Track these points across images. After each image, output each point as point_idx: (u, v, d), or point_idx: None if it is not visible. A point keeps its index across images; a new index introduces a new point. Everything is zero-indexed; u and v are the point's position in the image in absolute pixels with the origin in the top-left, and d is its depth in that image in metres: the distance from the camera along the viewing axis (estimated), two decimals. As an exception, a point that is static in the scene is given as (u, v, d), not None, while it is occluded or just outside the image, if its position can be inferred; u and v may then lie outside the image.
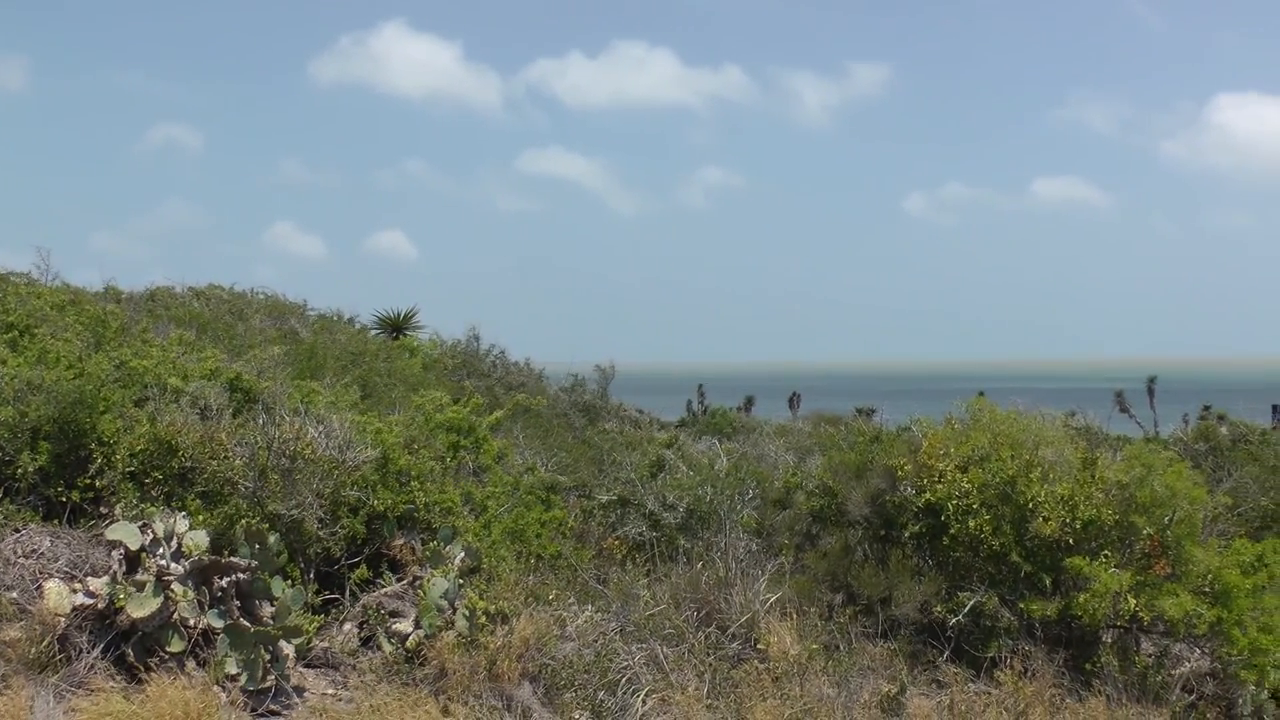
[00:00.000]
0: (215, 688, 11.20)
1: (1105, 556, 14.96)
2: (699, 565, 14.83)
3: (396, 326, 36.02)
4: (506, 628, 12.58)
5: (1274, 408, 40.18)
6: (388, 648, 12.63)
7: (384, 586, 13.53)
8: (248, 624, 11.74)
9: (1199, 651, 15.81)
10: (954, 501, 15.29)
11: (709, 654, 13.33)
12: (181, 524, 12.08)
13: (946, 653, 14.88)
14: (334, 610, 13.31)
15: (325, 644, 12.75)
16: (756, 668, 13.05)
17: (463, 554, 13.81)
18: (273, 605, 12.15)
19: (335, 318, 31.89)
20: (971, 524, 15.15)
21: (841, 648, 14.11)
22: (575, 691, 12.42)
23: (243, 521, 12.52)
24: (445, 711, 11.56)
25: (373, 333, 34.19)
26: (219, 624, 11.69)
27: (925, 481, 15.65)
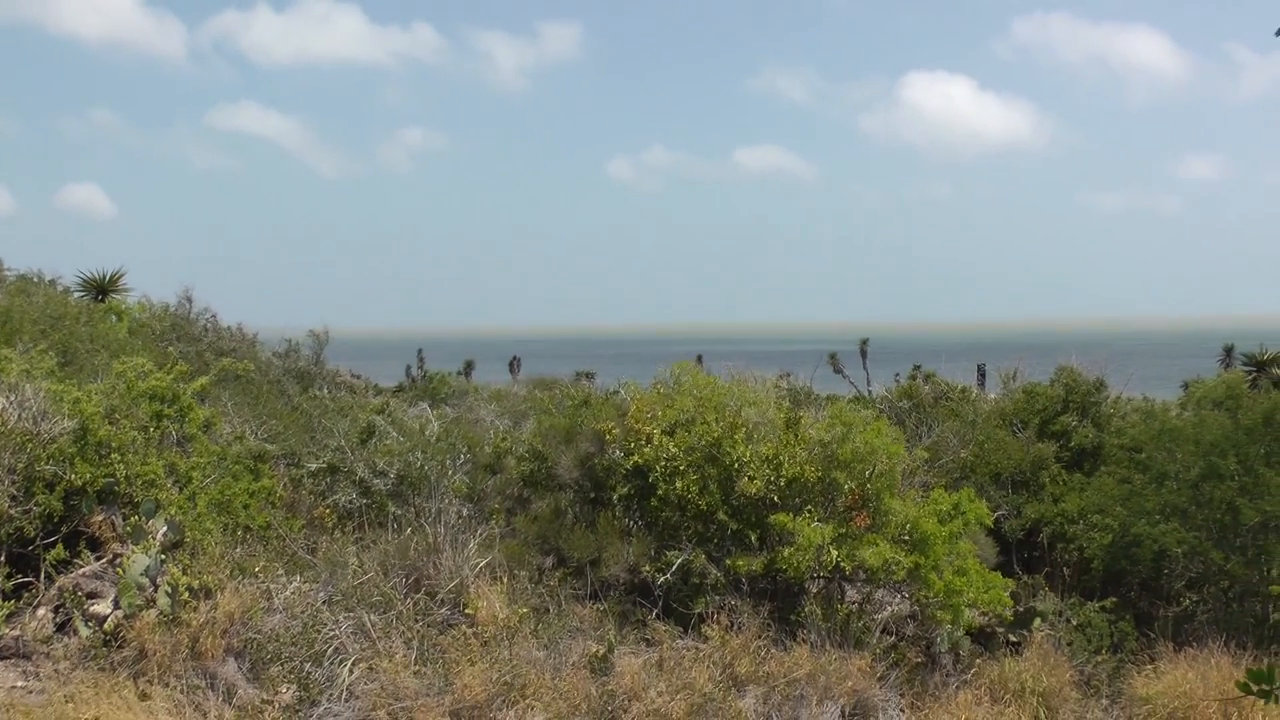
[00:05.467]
0: (-115, 688, 10.63)
1: (809, 512, 15.46)
2: (408, 532, 14.76)
3: (101, 289, 34.43)
4: (210, 603, 12.29)
5: (979, 367, 41.70)
6: (84, 631, 12.16)
7: (82, 566, 13.04)
8: (-74, 615, 11.17)
9: (900, 596, 16.49)
10: (661, 463, 15.58)
11: (417, 620, 13.28)
12: None
13: (655, 611, 15.16)
14: (26, 594, 12.71)
15: (16, 632, 12.18)
16: (465, 632, 13.04)
17: (166, 528, 13.39)
18: (-44, 593, 11.61)
19: (35, 279, 30.38)
20: (679, 485, 15.46)
21: (551, 610, 14.24)
22: (281, 665, 12.23)
23: (-77, 503, 11.90)
24: (144, 695, 11.19)
25: (76, 295, 32.67)
26: (-108, 617, 11.08)
27: (633, 444, 15.91)
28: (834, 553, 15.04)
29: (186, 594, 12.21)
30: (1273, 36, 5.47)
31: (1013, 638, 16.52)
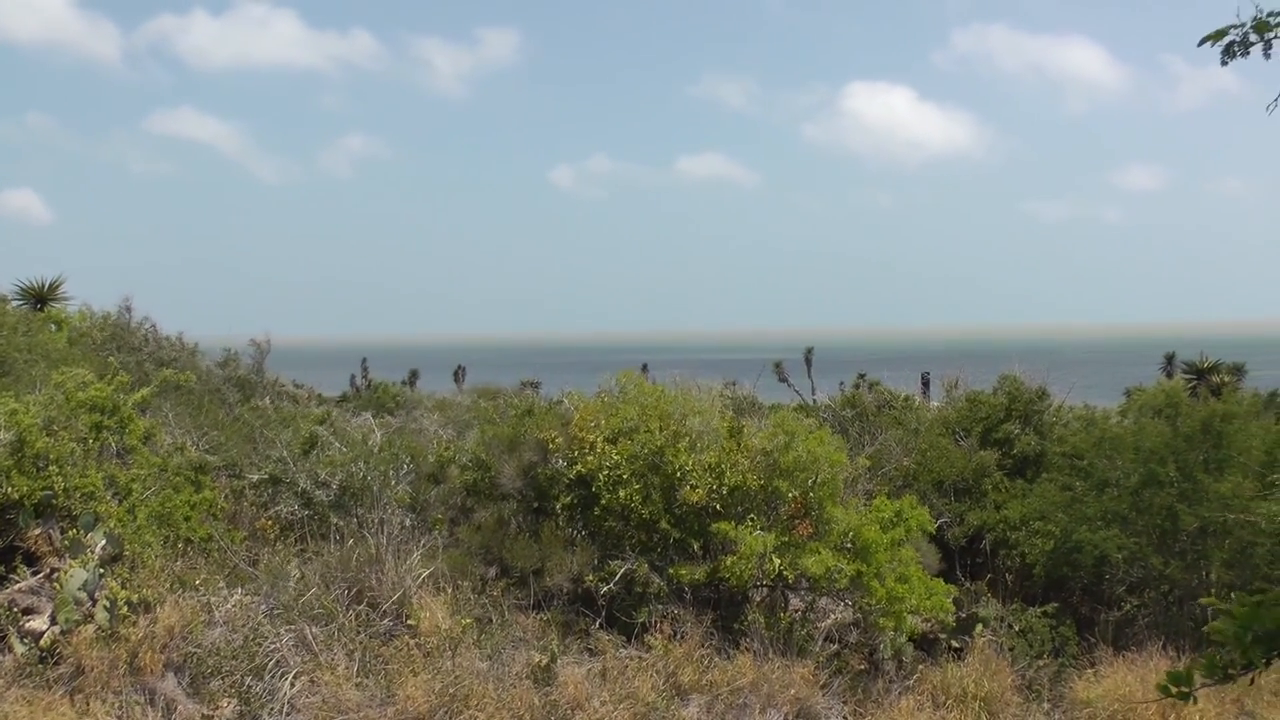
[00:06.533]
0: None
1: (751, 520, 15.47)
2: (351, 543, 14.67)
3: (40, 297, 33.88)
4: (150, 617, 12.19)
5: (922, 376, 41.78)
6: (19, 648, 11.98)
7: (18, 581, 12.87)
8: None
9: (843, 604, 16.51)
10: (604, 472, 15.57)
11: (359, 632, 13.22)
12: None
13: (599, 621, 15.14)
14: (-41, 612, 12.58)
15: (-52, 652, 12.04)
16: (408, 643, 13.02)
17: (104, 541, 13.26)
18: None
19: (-30, 288, 29.90)
20: (622, 494, 15.45)
21: (494, 620, 14.22)
22: (222, 679, 12.14)
23: None
24: (81, 712, 11.06)
25: (13, 304, 32.13)
26: None
27: (576, 453, 15.89)
28: (776, 561, 15.09)
29: (125, 608, 12.09)
30: (1207, 50, 5.54)
31: (955, 644, 16.61)
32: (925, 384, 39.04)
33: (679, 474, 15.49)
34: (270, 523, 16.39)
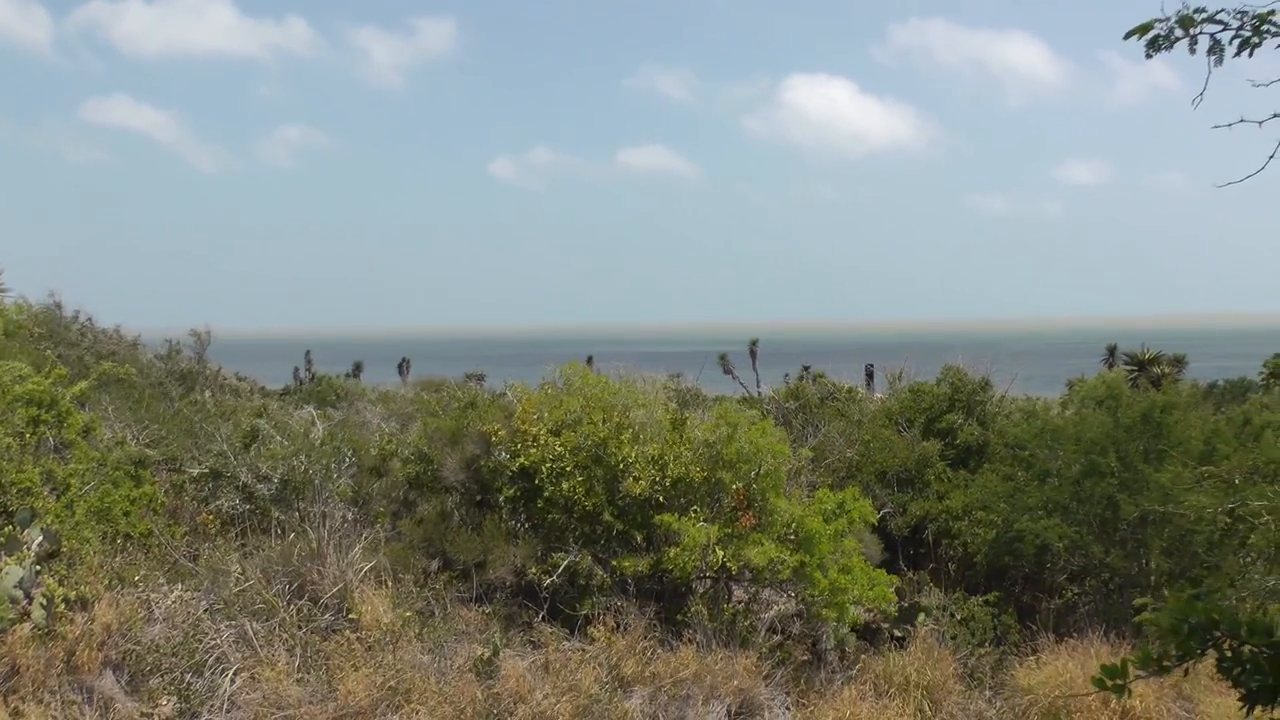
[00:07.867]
0: None
1: (694, 512, 15.48)
2: (292, 537, 14.56)
3: (-25, 291, 33.33)
4: (88, 614, 12.03)
5: (867, 368, 42.00)
6: (-49, 648, 11.83)
7: (-50, 579, 12.70)
8: None
9: (786, 595, 16.56)
10: (548, 465, 15.54)
11: (300, 627, 13.11)
12: None
13: (542, 613, 15.12)
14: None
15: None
16: (349, 638, 12.92)
17: (41, 538, 13.07)
18: None
19: (-98, 282, 29.44)
20: (565, 486, 15.43)
21: (437, 614, 14.16)
22: (161, 676, 12.01)
23: None
24: (16, 713, 10.89)
25: (-54, 295, 31.58)
26: None
27: (520, 446, 15.85)
28: (720, 552, 15.10)
29: (63, 606, 11.92)
30: (1142, 46, 5.57)
31: (897, 633, 16.68)
32: (869, 376, 39.26)
33: (622, 466, 15.48)
34: (211, 517, 16.24)
